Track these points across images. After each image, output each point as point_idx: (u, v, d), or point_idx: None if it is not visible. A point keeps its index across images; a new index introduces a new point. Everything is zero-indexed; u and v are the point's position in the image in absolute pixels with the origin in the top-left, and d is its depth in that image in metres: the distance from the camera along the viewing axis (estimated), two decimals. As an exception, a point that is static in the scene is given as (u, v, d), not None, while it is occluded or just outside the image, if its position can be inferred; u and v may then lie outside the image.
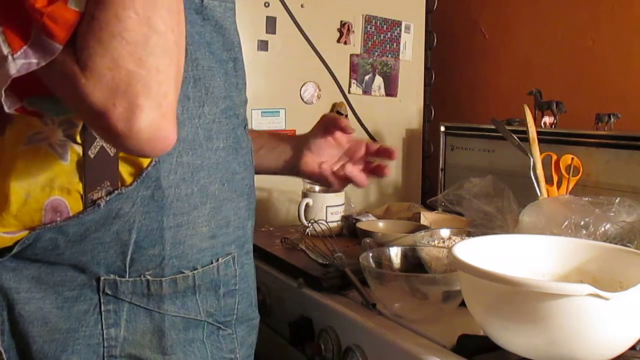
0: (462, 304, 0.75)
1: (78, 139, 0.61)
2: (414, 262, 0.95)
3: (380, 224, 1.26)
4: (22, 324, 0.64)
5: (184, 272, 0.68)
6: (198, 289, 0.70)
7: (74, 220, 0.62)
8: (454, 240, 1.03)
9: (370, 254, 0.92)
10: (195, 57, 0.66)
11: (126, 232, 0.64)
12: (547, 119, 1.39)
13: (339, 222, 1.30)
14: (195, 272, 0.69)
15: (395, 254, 0.95)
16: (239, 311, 0.75)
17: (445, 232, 1.06)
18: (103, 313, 0.66)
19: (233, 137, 0.73)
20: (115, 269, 0.65)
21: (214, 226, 0.69)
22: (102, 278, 0.65)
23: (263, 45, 1.44)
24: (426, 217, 1.27)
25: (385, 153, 0.88)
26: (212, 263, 0.71)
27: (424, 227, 1.17)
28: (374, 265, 0.91)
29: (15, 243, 0.63)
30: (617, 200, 0.96)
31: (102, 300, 0.65)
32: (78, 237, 0.63)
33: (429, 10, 1.74)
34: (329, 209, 1.28)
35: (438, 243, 1.02)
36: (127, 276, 0.66)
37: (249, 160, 0.77)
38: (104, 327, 0.66)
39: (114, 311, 0.66)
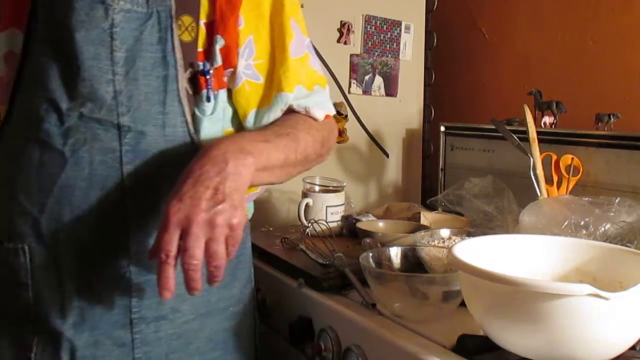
0: (462, 304, 0.75)
1: None
2: (414, 262, 0.94)
3: (380, 224, 1.26)
4: None
5: None
6: None
7: None
8: (454, 240, 1.03)
9: (370, 254, 0.92)
10: None
11: None
12: (547, 119, 1.39)
13: (339, 222, 1.29)
14: None
15: (395, 254, 0.95)
16: None
17: (445, 232, 1.06)
18: None
19: None
20: None
21: None
22: None
23: (263, 45, 1.43)
24: (426, 217, 1.26)
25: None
26: None
27: (424, 227, 1.17)
28: (374, 265, 0.91)
29: None
30: (617, 200, 0.96)
31: None
32: None
33: (429, 10, 1.74)
34: (329, 209, 1.28)
35: (438, 243, 1.02)
36: None
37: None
38: None
39: None
